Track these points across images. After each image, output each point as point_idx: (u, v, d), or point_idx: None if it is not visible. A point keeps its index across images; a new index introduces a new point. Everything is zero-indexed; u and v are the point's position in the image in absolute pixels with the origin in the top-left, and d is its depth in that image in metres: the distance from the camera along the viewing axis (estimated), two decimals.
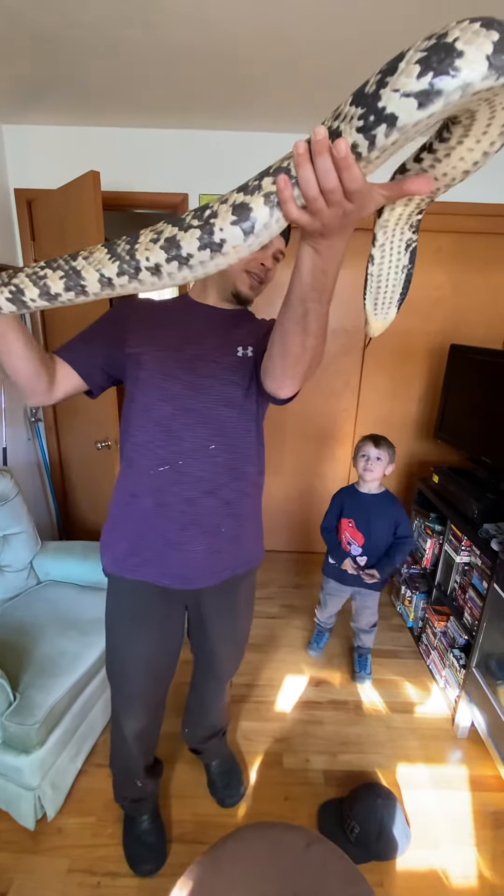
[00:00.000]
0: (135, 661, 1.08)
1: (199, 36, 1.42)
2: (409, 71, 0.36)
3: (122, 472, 1.02)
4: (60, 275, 0.50)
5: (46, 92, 1.82)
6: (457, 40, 0.34)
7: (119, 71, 1.64)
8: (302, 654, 2.08)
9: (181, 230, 0.46)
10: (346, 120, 0.40)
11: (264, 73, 1.63)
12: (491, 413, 1.90)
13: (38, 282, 0.51)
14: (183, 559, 0.98)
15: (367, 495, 1.78)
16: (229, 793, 1.42)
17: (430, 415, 2.59)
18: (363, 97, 0.39)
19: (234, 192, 0.46)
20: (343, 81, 1.66)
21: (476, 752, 1.62)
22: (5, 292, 0.53)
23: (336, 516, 1.85)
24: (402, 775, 1.53)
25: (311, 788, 1.48)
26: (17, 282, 0.52)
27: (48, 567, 1.81)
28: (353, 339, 2.50)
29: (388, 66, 0.38)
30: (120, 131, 2.13)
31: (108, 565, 1.05)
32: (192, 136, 2.14)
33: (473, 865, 1.29)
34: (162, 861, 1.26)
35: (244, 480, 1.01)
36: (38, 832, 1.32)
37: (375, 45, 1.45)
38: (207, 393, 0.94)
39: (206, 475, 0.95)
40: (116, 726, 1.17)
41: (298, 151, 0.42)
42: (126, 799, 1.28)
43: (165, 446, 0.94)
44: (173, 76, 1.67)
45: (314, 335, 0.67)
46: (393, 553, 1.74)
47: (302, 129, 2.09)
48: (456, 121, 0.43)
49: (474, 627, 1.64)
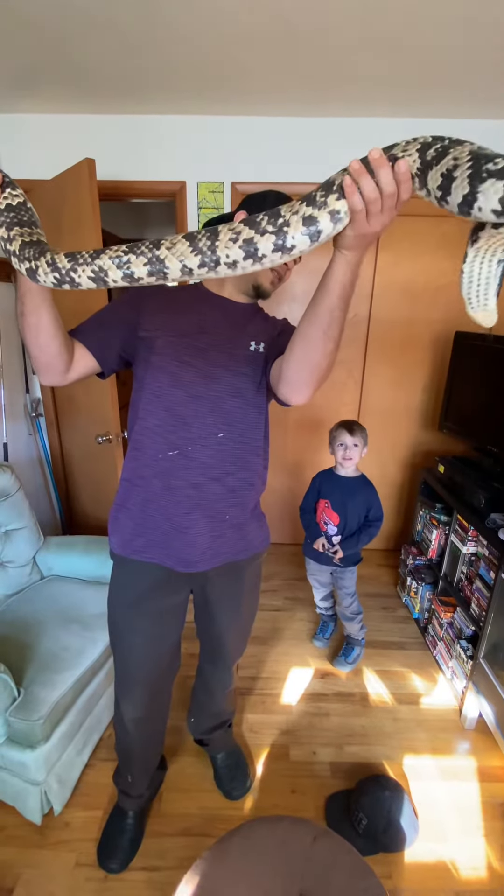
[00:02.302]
0: (136, 643, 1.08)
1: (192, 17, 1.38)
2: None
3: (129, 454, 1.02)
4: (144, 261, 0.58)
5: (38, 80, 1.78)
6: None
7: (111, 56, 1.60)
8: (307, 646, 2.07)
9: (258, 234, 0.55)
10: (407, 154, 0.52)
11: (261, 56, 1.59)
12: (497, 401, 1.87)
13: (123, 266, 0.58)
14: (186, 542, 0.99)
15: (344, 478, 1.85)
16: (235, 785, 1.42)
17: (435, 404, 2.56)
18: (436, 165, 0.48)
19: (301, 203, 0.54)
20: (341, 65, 1.62)
21: (484, 743, 1.60)
22: (87, 271, 0.60)
23: (314, 498, 1.91)
24: (410, 767, 1.52)
25: (317, 781, 1.47)
26: (100, 263, 0.59)
27: (51, 562, 1.80)
28: (355, 329, 2.47)
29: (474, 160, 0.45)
30: (115, 118, 2.09)
31: (116, 546, 1.05)
32: (189, 121, 2.09)
33: (482, 857, 1.28)
34: (127, 863, 1.23)
35: (250, 471, 1.03)
36: (44, 826, 1.32)
37: (372, 31, 1.41)
38: (218, 382, 0.95)
39: (214, 462, 0.97)
40: (118, 709, 1.18)
41: (354, 167, 0.52)
42: (118, 786, 1.28)
43: (175, 431, 0.95)
44: (167, 60, 1.62)
45: (335, 341, 0.74)
46: (360, 533, 1.81)
47: (299, 112, 2.04)
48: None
49: (481, 618, 1.62)
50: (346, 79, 1.74)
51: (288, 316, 1.09)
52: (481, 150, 0.45)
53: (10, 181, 0.66)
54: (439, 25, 1.41)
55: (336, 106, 1.98)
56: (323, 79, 1.75)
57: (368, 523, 1.82)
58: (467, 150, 0.46)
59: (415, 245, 2.30)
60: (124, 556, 1.04)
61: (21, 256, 0.64)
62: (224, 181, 2.17)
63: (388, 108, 1.98)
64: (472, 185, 0.44)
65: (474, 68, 1.65)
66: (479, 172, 0.43)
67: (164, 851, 1.27)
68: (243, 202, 0.99)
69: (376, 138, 2.07)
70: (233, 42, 1.51)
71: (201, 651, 1.29)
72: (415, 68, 1.66)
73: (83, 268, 0.60)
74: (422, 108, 1.99)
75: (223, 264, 0.56)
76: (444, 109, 1.99)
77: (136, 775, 1.24)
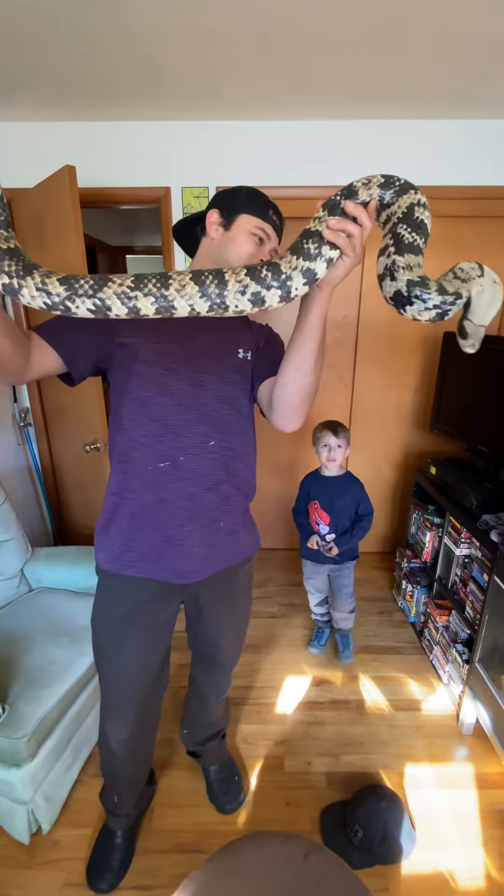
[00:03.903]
0: (123, 662, 1.05)
1: (170, 21, 1.37)
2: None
3: (115, 467, 0.98)
4: (152, 300, 0.57)
5: (17, 88, 1.77)
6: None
7: (89, 64, 1.59)
8: (302, 653, 2.04)
9: (265, 289, 0.59)
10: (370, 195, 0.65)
11: (240, 59, 1.58)
12: (487, 401, 1.86)
13: (128, 302, 0.57)
14: (181, 554, 0.97)
15: (329, 478, 1.89)
16: (228, 799, 1.39)
17: (426, 405, 2.55)
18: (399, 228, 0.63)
19: (297, 258, 0.60)
20: (323, 69, 1.61)
21: (481, 749, 1.58)
22: (88, 303, 0.56)
23: (305, 500, 1.95)
24: (407, 775, 1.50)
25: (313, 792, 1.44)
26: (102, 296, 0.56)
27: (40, 574, 1.78)
28: (344, 332, 2.46)
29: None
30: (98, 125, 2.08)
31: (103, 561, 1.01)
32: (172, 127, 2.09)
33: (481, 866, 1.26)
34: (117, 883, 1.20)
35: (241, 477, 1.02)
36: (32, 846, 1.28)
37: (353, 35, 1.40)
38: (208, 389, 0.94)
39: (206, 471, 0.96)
40: (103, 730, 1.14)
41: (331, 225, 0.63)
42: (105, 804, 1.24)
43: (165, 442, 0.92)
44: (146, 65, 1.62)
45: (321, 365, 0.85)
46: (353, 529, 1.85)
47: (282, 116, 2.04)
48: None
49: (476, 621, 1.60)
50: (328, 82, 1.74)
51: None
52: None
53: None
54: (421, 28, 1.40)
55: (320, 109, 1.98)
56: (305, 83, 1.74)
57: (359, 518, 1.86)
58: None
59: None
60: (113, 571, 1.00)
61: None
62: (208, 186, 2.16)
63: (373, 109, 1.98)
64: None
65: (460, 69, 1.64)
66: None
67: (155, 869, 1.24)
68: (215, 198, 0.98)
69: (361, 140, 2.08)
70: (213, 48, 1.51)
71: (194, 660, 1.26)
72: (398, 70, 1.66)
73: (83, 299, 0.56)
74: (406, 111, 1.99)
75: (231, 310, 0.60)
76: (432, 111, 1.99)
77: (123, 795, 1.20)
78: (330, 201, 0.62)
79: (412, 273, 0.59)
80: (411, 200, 0.61)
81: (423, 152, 2.12)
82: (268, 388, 0.97)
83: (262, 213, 0.93)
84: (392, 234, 0.62)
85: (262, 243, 0.94)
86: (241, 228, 0.92)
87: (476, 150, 2.11)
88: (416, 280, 0.58)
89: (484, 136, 2.09)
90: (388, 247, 0.62)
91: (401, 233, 0.61)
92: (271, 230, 0.94)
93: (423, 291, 0.58)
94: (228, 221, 0.93)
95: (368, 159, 2.12)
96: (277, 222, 0.96)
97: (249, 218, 0.92)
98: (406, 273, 0.59)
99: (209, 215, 0.95)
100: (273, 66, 1.62)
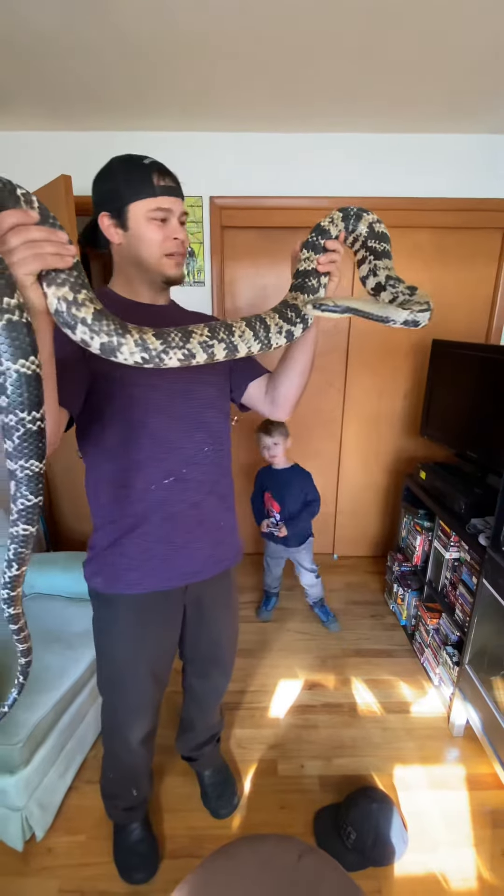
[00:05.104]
0: (139, 672, 1.05)
1: (165, 36, 1.40)
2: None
3: (107, 495, 0.93)
4: (223, 347, 0.66)
5: (13, 97, 1.79)
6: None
7: (86, 75, 1.62)
8: (295, 657, 2.05)
9: (293, 326, 0.73)
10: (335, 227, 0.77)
11: (234, 73, 1.61)
12: (475, 407, 1.89)
13: (208, 349, 0.64)
14: (189, 557, 0.99)
15: (278, 471, 2.10)
16: (223, 803, 1.39)
17: (416, 411, 2.58)
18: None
19: (307, 295, 0.75)
20: (317, 82, 1.65)
21: (472, 751, 1.60)
22: (178, 354, 0.62)
23: (260, 491, 2.18)
24: (398, 777, 1.51)
25: (306, 795, 1.45)
26: (190, 347, 0.63)
27: (33, 580, 1.77)
28: (336, 337, 2.49)
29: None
30: (93, 135, 2.10)
31: (102, 585, 0.98)
32: (167, 138, 2.12)
33: (472, 867, 1.27)
34: (155, 868, 1.24)
35: (228, 475, 1.06)
36: (26, 853, 1.28)
37: (349, 48, 1.44)
38: (195, 397, 0.95)
39: (206, 477, 0.98)
40: (120, 738, 1.13)
41: (328, 258, 0.75)
42: (118, 808, 1.25)
43: (167, 458, 0.92)
44: (141, 78, 1.64)
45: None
46: (301, 513, 2.07)
47: (276, 128, 2.08)
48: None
49: (466, 623, 1.63)
50: (320, 96, 1.78)
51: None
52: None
53: (62, 227, 0.55)
54: (419, 42, 1.44)
55: (312, 122, 2.02)
56: (298, 96, 1.78)
57: (307, 503, 2.08)
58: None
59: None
60: (117, 593, 0.98)
61: (95, 329, 0.56)
62: (202, 196, 2.19)
63: (367, 123, 2.02)
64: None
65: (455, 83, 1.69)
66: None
67: None
68: (95, 199, 0.89)
69: (352, 153, 2.13)
70: (207, 62, 1.54)
71: (189, 669, 1.26)
72: (394, 84, 1.69)
73: (174, 351, 0.62)
74: (397, 125, 2.04)
75: (273, 348, 0.72)
76: (422, 125, 2.04)
77: (142, 784, 1.23)
78: (310, 243, 0.75)
79: (390, 272, 0.75)
80: (369, 220, 0.76)
81: (414, 164, 2.16)
82: (259, 387, 1.03)
83: (148, 190, 0.83)
84: (366, 248, 0.77)
85: (166, 221, 0.86)
86: (138, 220, 0.84)
87: (465, 163, 2.17)
88: (393, 276, 0.75)
89: (473, 149, 2.15)
90: (366, 258, 0.77)
91: (373, 246, 0.76)
92: (168, 200, 0.85)
93: (397, 283, 0.74)
94: (122, 220, 0.85)
95: (360, 171, 2.17)
96: (170, 184, 0.86)
97: (139, 204, 0.83)
98: (385, 272, 0.75)
99: (101, 221, 0.87)
100: (266, 79, 1.66)
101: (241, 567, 2.70)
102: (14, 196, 0.50)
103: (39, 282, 0.53)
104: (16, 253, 0.49)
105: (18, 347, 0.48)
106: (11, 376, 0.48)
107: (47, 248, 0.50)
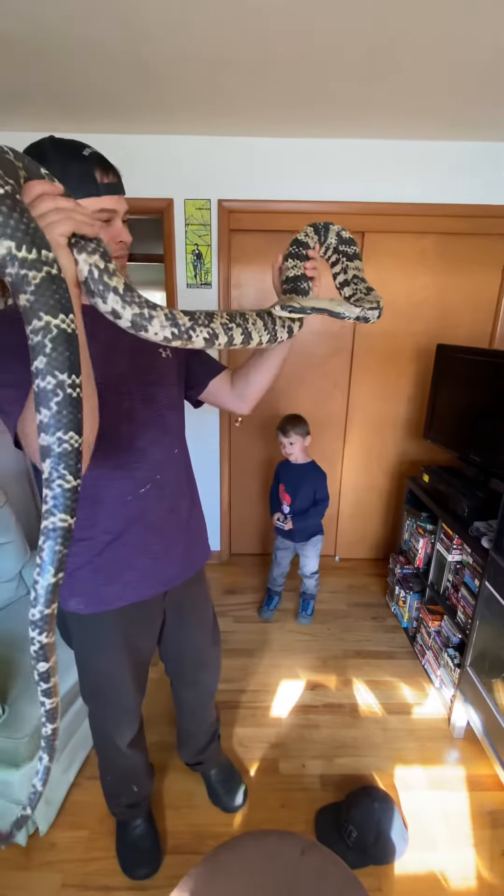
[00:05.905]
0: (123, 680, 1.06)
1: (177, 43, 1.42)
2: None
3: (81, 512, 0.84)
4: (240, 332, 0.70)
5: (23, 99, 1.81)
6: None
7: (97, 77, 1.64)
8: (296, 657, 2.06)
9: (294, 323, 0.80)
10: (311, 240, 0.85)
11: (244, 81, 1.63)
12: (478, 411, 1.91)
13: (228, 332, 0.68)
14: (168, 562, 0.99)
15: (295, 465, 2.17)
16: (232, 797, 1.41)
17: (420, 414, 2.60)
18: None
19: (302, 298, 0.77)
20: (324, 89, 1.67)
21: (472, 752, 1.61)
22: (204, 333, 0.64)
23: (276, 482, 2.25)
24: (399, 777, 1.52)
25: (308, 794, 1.46)
26: (214, 327, 0.65)
27: (30, 578, 1.78)
28: (341, 341, 2.51)
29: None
30: (103, 137, 2.12)
31: (79, 606, 0.95)
32: (177, 141, 2.14)
33: (472, 866, 1.28)
34: (158, 864, 1.25)
35: (191, 471, 1.07)
36: (30, 848, 1.29)
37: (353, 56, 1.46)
38: (157, 401, 0.92)
39: (177, 478, 0.99)
40: (110, 743, 1.14)
41: (308, 267, 0.82)
42: (120, 805, 1.26)
43: (139, 467, 0.90)
44: (153, 83, 1.67)
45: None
46: (310, 510, 2.13)
47: (284, 132, 2.10)
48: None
49: (467, 626, 1.64)
50: (328, 104, 1.80)
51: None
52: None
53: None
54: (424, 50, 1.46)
55: (320, 128, 2.04)
56: (306, 104, 1.80)
57: (316, 502, 2.13)
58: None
59: (396, 261, 2.36)
60: (95, 612, 0.95)
61: (127, 299, 0.55)
62: (211, 198, 2.21)
63: (374, 129, 2.05)
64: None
65: (456, 96, 1.71)
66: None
67: None
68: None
69: (363, 159, 2.15)
70: (218, 69, 1.56)
71: (176, 683, 1.26)
72: (399, 93, 1.72)
73: (201, 329, 0.63)
74: (407, 131, 2.06)
75: (278, 340, 0.78)
76: (429, 133, 2.06)
77: (142, 780, 1.25)
78: (293, 253, 0.83)
79: (358, 272, 0.84)
80: (335, 231, 0.85)
81: (421, 171, 2.19)
82: (221, 383, 1.04)
83: (90, 188, 0.73)
84: (337, 252, 0.86)
85: (109, 222, 0.78)
86: None
87: (471, 170, 2.19)
88: (359, 276, 0.84)
89: (478, 157, 2.17)
90: (339, 260, 0.86)
91: (344, 250, 0.85)
92: (111, 200, 0.76)
93: (360, 282, 0.83)
94: None
95: (367, 176, 2.19)
96: (113, 180, 0.76)
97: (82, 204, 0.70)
98: (353, 271, 0.84)
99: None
100: (275, 87, 1.68)
101: (242, 567, 2.72)
102: (39, 174, 0.52)
103: (70, 249, 0.52)
104: (48, 216, 0.49)
105: (59, 301, 0.44)
106: (52, 332, 0.43)
107: (76, 214, 0.50)
